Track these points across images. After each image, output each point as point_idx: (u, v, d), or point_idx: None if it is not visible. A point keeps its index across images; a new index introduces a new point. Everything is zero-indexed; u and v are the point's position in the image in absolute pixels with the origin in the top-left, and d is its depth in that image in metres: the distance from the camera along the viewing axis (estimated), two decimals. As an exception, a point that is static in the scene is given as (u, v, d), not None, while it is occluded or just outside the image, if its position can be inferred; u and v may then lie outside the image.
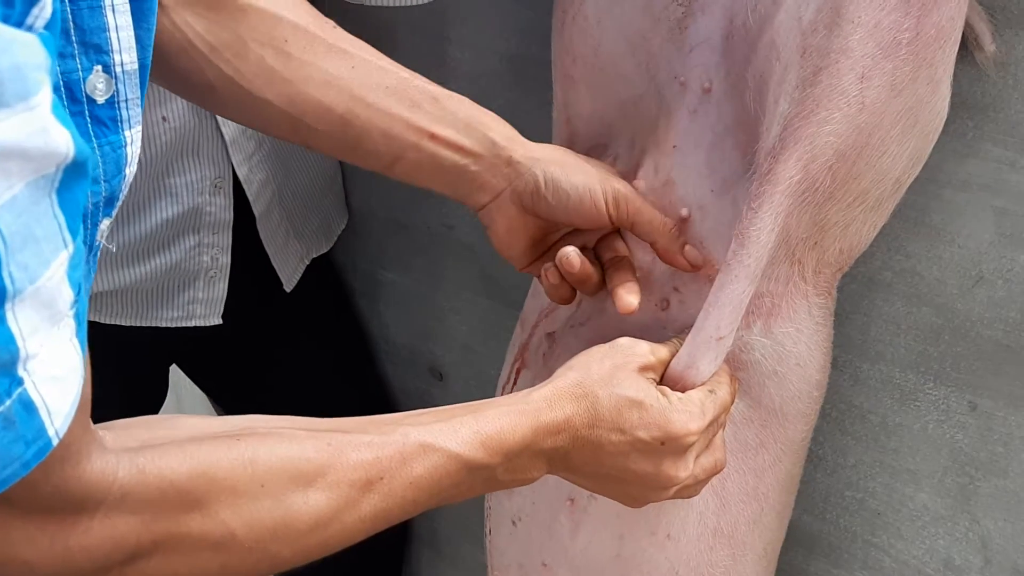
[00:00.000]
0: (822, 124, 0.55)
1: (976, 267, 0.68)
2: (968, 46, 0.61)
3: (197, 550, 0.44)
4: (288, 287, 0.94)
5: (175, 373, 1.03)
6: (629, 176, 0.67)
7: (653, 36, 0.63)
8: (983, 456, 0.72)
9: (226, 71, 0.58)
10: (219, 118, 0.82)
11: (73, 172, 0.34)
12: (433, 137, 0.61)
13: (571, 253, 0.62)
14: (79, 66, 0.39)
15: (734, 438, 0.64)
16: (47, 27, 0.32)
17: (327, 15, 0.62)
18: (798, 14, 0.55)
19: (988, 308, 0.68)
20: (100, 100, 0.40)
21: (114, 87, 0.40)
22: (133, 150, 0.43)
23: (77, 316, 0.36)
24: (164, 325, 0.90)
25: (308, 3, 0.61)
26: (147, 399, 0.97)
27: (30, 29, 0.31)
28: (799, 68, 0.55)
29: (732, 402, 0.62)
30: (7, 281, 0.32)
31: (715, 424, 0.59)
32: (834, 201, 0.58)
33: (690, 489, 0.60)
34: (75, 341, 0.36)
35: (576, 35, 0.66)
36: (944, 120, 0.60)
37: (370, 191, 1.02)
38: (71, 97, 0.39)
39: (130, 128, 0.42)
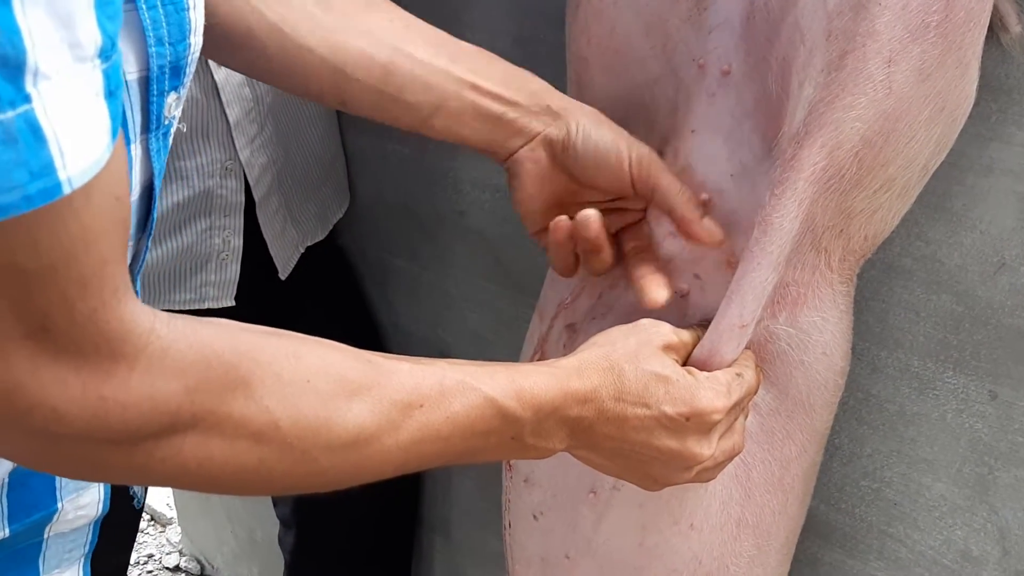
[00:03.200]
0: (848, 109, 0.54)
1: (998, 253, 0.66)
2: (993, 27, 0.60)
3: (237, 436, 0.41)
4: (283, 274, 0.93)
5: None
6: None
7: (671, 17, 0.62)
8: (1003, 446, 0.71)
9: (270, 17, 0.58)
10: (224, 99, 0.81)
11: None
12: (474, 87, 0.60)
13: (591, 215, 0.61)
14: None
15: (760, 428, 0.63)
16: None
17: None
18: (823, -5, 0.54)
19: (1010, 295, 0.67)
20: None
21: None
22: (196, 16, 0.41)
23: (108, 78, 0.33)
24: (177, 308, 0.89)
25: None
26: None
27: None
28: (824, 51, 0.54)
29: (757, 387, 0.61)
30: None
31: (738, 407, 0.59)
32: (860, 188, 0.57)
33: (709, 472, 0.59)
34: (103, 103, 0.33)
35: (591, 16, 0.65)
36: (972, 104, 0.59)
37: (379, 177, 1.01)
38: None
39: None
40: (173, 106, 0.42)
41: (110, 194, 0.34)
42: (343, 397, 0.43)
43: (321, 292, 1.00)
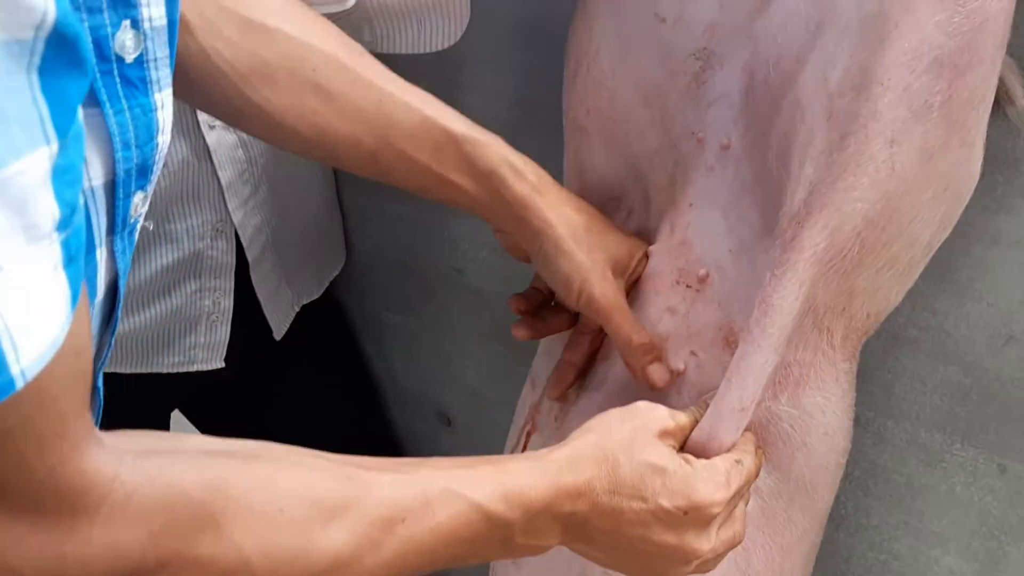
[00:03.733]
0: (849, 190, 0.53)
1: (1006, 326, 0.65)
2: (999, 100, 0.59)
3: None
4: (278, 335, 0.92)
5: (177, 418, 1.01)
6: (644, 233, 0.65)
7: (670, 90, 0.61)
8: (1013, 520, 0.69)
9: (254, 99, 0.57)
10: (216, 161, 0.80)
11: (59, 50, 0.30)
12: (454, 185, 0.61)
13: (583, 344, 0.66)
14: (107, 21, 0.36)
15: (762, 513, 0.62)
16: None
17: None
18: (824, 75, 0.53)
19: (1018, 368, 0.65)
20: (129, 59, 0.38)
21: (143, 44, 0.38)
22: (165, 115, 0.40)
23: (67, 246, 0.32)
24: (166, 371, 0.88)
25: (337, 28, 0.60)
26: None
27: None
28: (826, 131, 0.53)
29: (758, 472, 0.59)
30: None
31: (738, 495, 0.57)
32: (863, 268, 0.56)
33: (708, 564, 0.57)
34: (61, 274, 0.32)
35: (590, 86, 0.64)
36: (976, 181, 0.58)
37: (377, 233, 1.00)
38: (100, 55, 0.36)
39: (160, 90, 0.40)
40: (140, 204, 0.41)
41: (70, 353, 0.33)
42: (319, 522, 0.42)
43: (316, 350, 0.99)
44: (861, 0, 0.51)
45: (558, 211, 0.61)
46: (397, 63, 0.85)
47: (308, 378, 1.00)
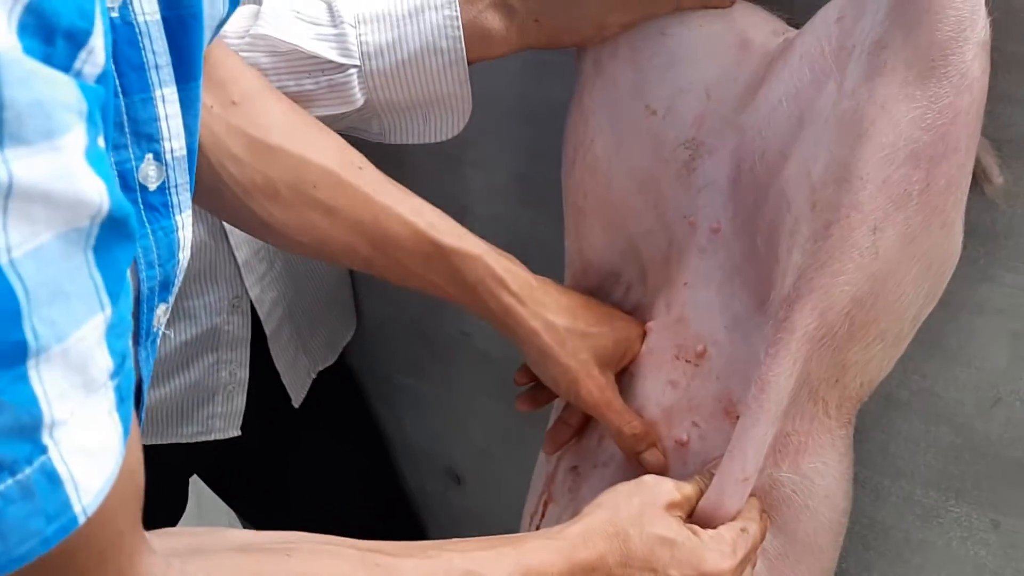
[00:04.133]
0: (836, 275, 0.56)
1: (994, 388, 0.68)
2: (977, 178, 0.62)
3: None
4: (296, 402, 0.95)
5: (195, 483, 1.04)
6: (642, 308, 0.68)
7: (662, 176, 0.64)
8: (1008, 573, 0.71)
9: (259, 213, 0.60)
10: (232, 243, 0.84)
11: (112, 229, 0.33)
12: (444, 291, 0.65)
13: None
14: (131, 155, 0.39)
15: (768, 573, 0.64)
16: (98, 80, 0.31)
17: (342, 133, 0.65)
18: (807, 168, 0.56)
19: (1007, 428, 0.68)
20: (152, 187, 0.41)
21: (165, 173, 0.41)
22: (185, 234, 0.43)
23: (119, 390, 0.35)
24: (184, 441, 0.90)
25: (338, 138, 0.63)
26: (168, 512, 0.98)
27: (78, 75, 0.30)
28: (810, 220, 0.56)
29: (763, 537, 0.62)
30: (29, 336, 0.30)
31: (745, 561, 0.59)
32: (854, 343, 0.59)
33: None
34: (115, 416, 0.35)
35: (587, 172, 0.67)
36: (958, 257, 0.60)
37: (385, 298, 1.03)
38: (124, 186, 0.39)
39: (180, 212, 0.43)
40: (162, 316, 0.44)
41: (125, 475, 0.36)
42: None
43: (330, 414, 1.02)
44: (838, 98, 0.54)
45: (541, 319, 0.64)
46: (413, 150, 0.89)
47: (323, 441, 1.02)
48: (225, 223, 0.82)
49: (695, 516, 0.60)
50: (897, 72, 0.53)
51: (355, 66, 0.63)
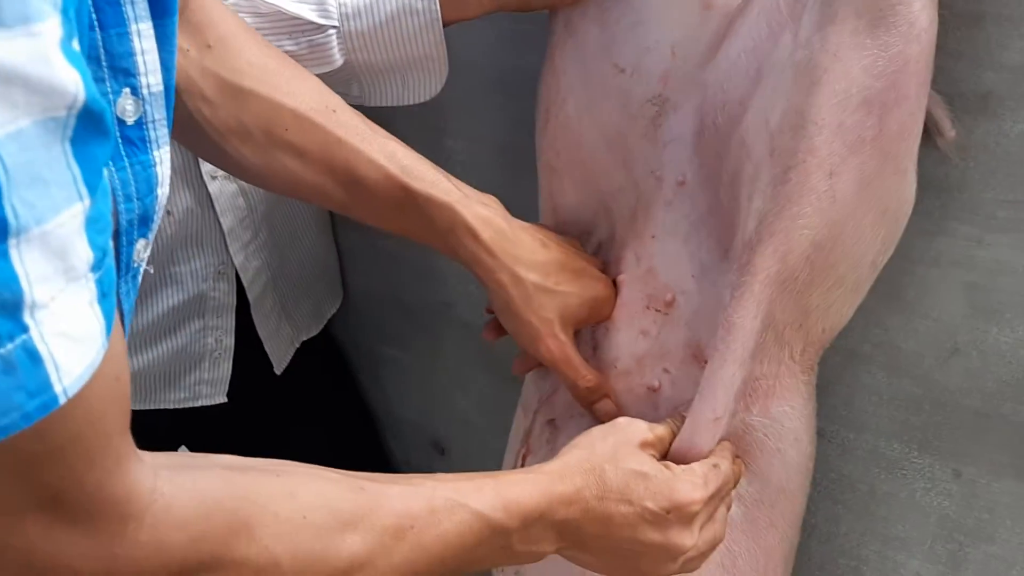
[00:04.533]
0: (795, 219, 0.58)
1: (951, 339, 0.70)
2: (930, 132, 0.65)
3: None
4: (278, 369, 0.97)
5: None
6: (614, 263, 0.70)
7: (630, 133, 0.67)
8: (970, 523, 0.73)
9: (233, 156, 0.62)
10: (218, 210, 0.86)
11: (88, 122, 0.34)
12: (419, 235, 0.66)
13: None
14: (109, 89, 0.41)
15: (745, 518, 0.66)
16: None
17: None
18: (765, 117, 0.58)
19: (965, 379, 0.70)
20: (129, 121, 0.42)
21: (142, 108, 0.42)
22: (163, 170, 0.44)
23: (101, 284, 0.36)
24: (171, 407, 0.92)
25: (315, 80, 0.64)
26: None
27: None
28: (769, 167, 0.58)
29: (736, 478, 0.64)
30: (9, 214, 0.31)
31: (717, 496, 0.61)
32: (815, 287, 0.61)
33: (693, 562, 0.61)
34: (96, 308, 0.36)
35: (559, 130, 0.70)
36: (912, 204, 0.63)
37: (370, 271, 1.05)
38: None
39: (158, 148, 0.44)
40: (142, 250, 0.45)
41: (110, 376, 0.37)
42: (338, 529, 0.46)
43: (315, 384, 1.04)
44: (793, 49, 0.57)
45: (509, 272, 0.66)
46: (391, 114, 0.92)
47: (308, 411, 1.04)
48: (211, 191, 0.85)
49: (670, 455, 0.63)
50: (848, 21, 0.55)
51: (334, 27, 0.66)
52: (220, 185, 0.85)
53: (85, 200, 0.34)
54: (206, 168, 0.83)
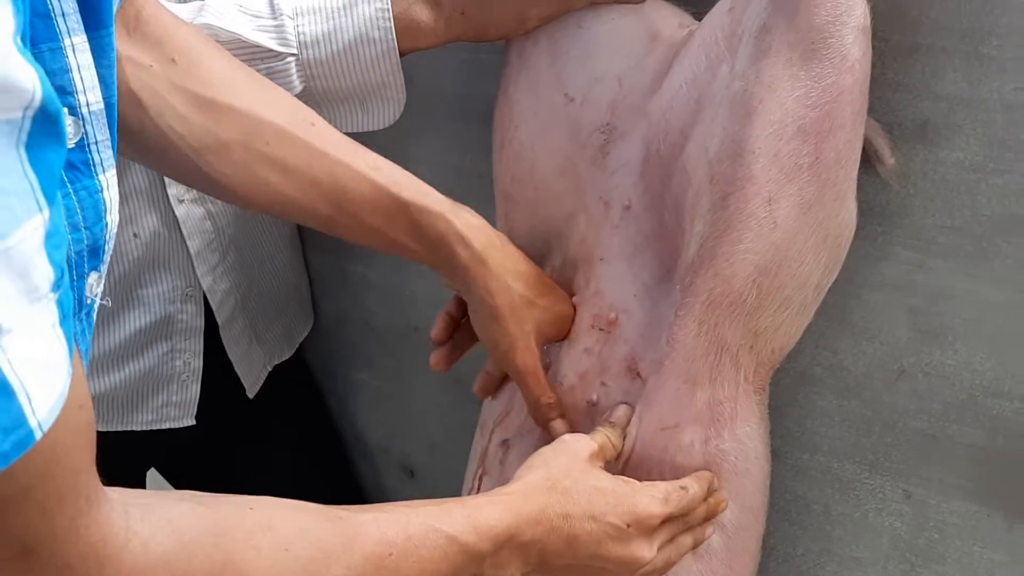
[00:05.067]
0: (736, 243, 0.60)
1: (897, 362, 0.71)
2: (870, 159, 0.67)
3: None
4: (251, 392, 0.98)
5: (153, 476, 1.06)
6: (565, 288, 0.72)
7: (579, 160, 0.68)
8: (921, 543, 0.75)
9: (211, 173, 0.59)
10: (185, 232, 0.87)
11: (44, 125, 0.31)
12: (406, 248, 0.65)
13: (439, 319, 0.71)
14: None
15: (726, 547, 0.67)
16: None
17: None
18: (704, 145, 0.60)
19: (912, 400, 0.72)
20: (70, 144, 0.38)
21: (82, 129, 0.39)
22: (111, 195, 0.41)
23: (61, 305, 0.33)
24: (138, 429, 0.93)
25: (287, 94, 0.64)
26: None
27: None
28: (709, 193, 0.60)
29: (716, 510, 0.65)
30: None
31: (680, 520, 0.62)
32: (762, 310, 0.63)
33: None
34: (59, 331, 0.33)
35: (512, 157, 0.72)
36: (853, 229, 0.65)
37: (341, 295, 1.07)
38: None
39: (104, 172, 0.41)
40: (95, 285, 0.42)
41: (74, 405, 0.35)
42: (321, 561, 0.45)
43: (286, 408, 1.05)
44: (730, 80, 0.59)
45: (499, 280, 0.66)
46: (354, 139, 0.94)
47: (279, 436, 1.05)
48: (177, 215, 0.86)
49: (627, 471, 0.64)
50: (781, 54, 0.57)
51: (292, 54, 0.68)
52: (187, 209, 0.86)
53: (44, 211, 0.31)
54: (172, 191, 0.84)
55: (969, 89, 0.63)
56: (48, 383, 0.32)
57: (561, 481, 0.58)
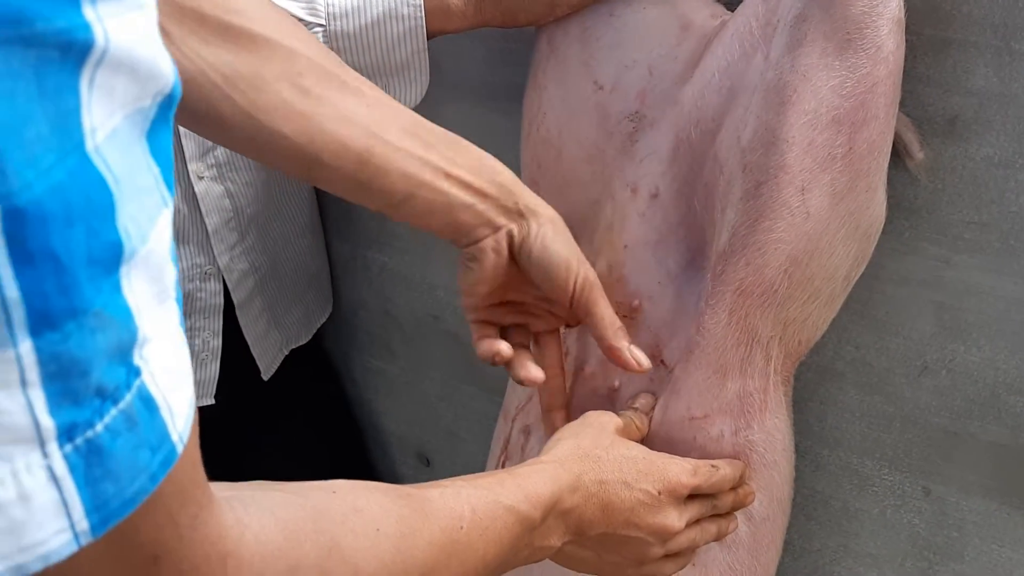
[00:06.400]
0: (768, 232, 0.60)
1: (920, 357, 0.71)
2: (899, 153, 0.67)
3: None
4: (266, 375, 0.98)
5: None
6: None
7: (607, 147, 0.69)
8: (939, 540, 0.74)
9: (241, 104, 0.56)
10: (203, 209, 0.87)
11: (165, 111, 0.29)
12: (448, 176, 0.60)
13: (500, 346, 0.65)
14: None
15: (752, 537, 0.67)
16: None
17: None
18: (737, 134, 0.60)
19: (934, 396, 0.72)
20: None
21: None
22: None
23: (179, 302, 0.31)
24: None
25: (318, 39, 0.63)
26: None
27: None
28: (742, 182, 0.60)
29: (744, 501, 0.65)
30: (123, 235, 0.26)
31: (708, 502, 0.62)
32: (792, 300, 0.63)
33: (668, 563, 0.62)
34: (180, 331, 0.31)
35: (540, 144, 0.72)
36: (883, 221, 0.65)
37: (361, 282, 1.07)
38: None
39: None
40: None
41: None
42: (408, 537, 0.45)
43: (303, 393, 1.05)
44: (764, 69, 0.59)
45: (537, 199, 0.63)
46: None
47: (296, 423, 1.06)
48: (197, 191, 0.86)
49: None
50: (816, 43, 0.57)
51: (321, 25, 0.68)
52: (207, 185, 0.86)
53: (168, 204, 0.29)
54: (192, 167, 0.84)
55: (1000, 85, 0.63)
56: (181, 391, 0.31)
57: (592, 450, 0.58)
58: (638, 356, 0.64)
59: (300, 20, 0.67)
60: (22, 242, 0.24)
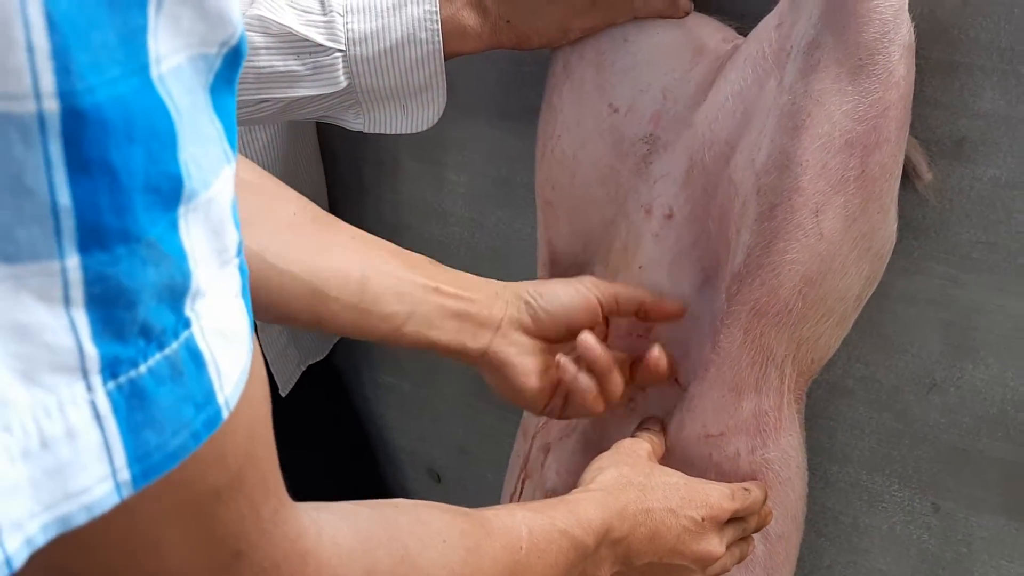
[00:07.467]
0: (782, 253, 0.61)
1: (929, 375, 0.73)
2: (908, 175, 0.68)
3: None
4: (284, 391, 0.99)
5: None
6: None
7: (621, 168, 0.70)
8: (948, 556, 0.75)
9: (251, 246, 0.56)
10: None
11: (228, 69, 0.27)
12: (437, 291, 0.63)
13: (588, 338, 0.64)
14: None
15: (769, 556, 0.68)
16: None
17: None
18: (751, 157, 0.62)
19: (943, 414, 0.73)
20: None
21: None
22: None
23: (243, 272, 0.29)
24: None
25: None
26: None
27: None
28: (756, 204, 0.61)
29: (764, 512, 0.66)
30: (184, 171, 0.25)
31: (740, 524, 0.63)
32: (806, 320, 0.64)
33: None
34: (241, 303, 0.29)
35: (554, 165, 0.73)
36: (894, 242, 0.66)
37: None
38: None
39: None
40: None
41: (261, 380, 0.32)
42: (474, 551, 0.45)
43: (316, 409, 1.06)
44: (778, 94, 0.60)
45: (517, 284, 0.67)
46: (397, 148, 0.95)
47: (306, 435, 1.06)
48: None
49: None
50: (829, 69, 0.59)
51: (340, 50, 0.69)
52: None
53: (232, 163, 0.28)
54: None
55: (1006, 107, 0.65)
56: (233, 357, 0.29)
57: (635, 478, 0.59)
58: (674, 303, 0.67)
59: (320, 45, 0.69)
60: (79, 147, 0.23)
